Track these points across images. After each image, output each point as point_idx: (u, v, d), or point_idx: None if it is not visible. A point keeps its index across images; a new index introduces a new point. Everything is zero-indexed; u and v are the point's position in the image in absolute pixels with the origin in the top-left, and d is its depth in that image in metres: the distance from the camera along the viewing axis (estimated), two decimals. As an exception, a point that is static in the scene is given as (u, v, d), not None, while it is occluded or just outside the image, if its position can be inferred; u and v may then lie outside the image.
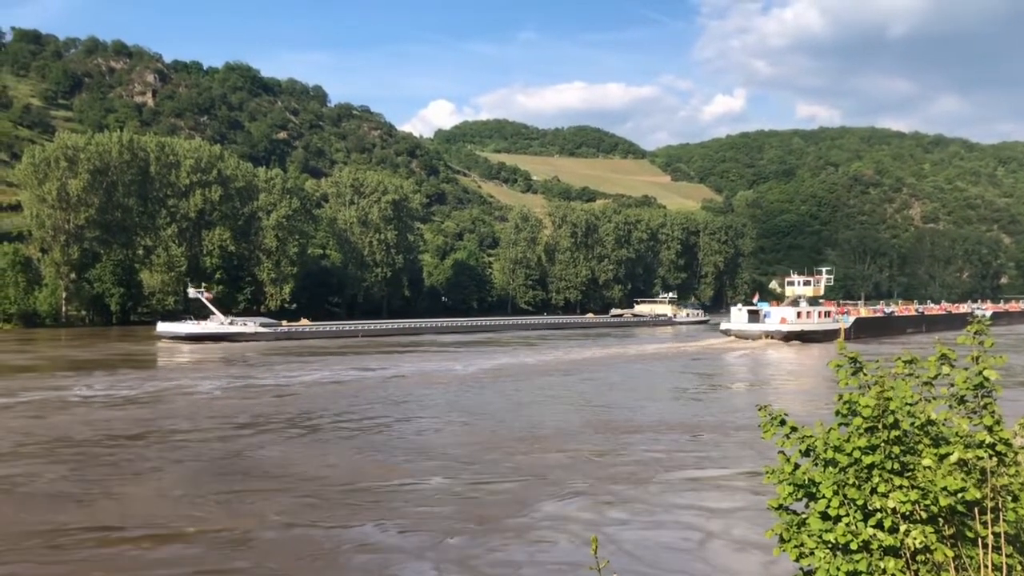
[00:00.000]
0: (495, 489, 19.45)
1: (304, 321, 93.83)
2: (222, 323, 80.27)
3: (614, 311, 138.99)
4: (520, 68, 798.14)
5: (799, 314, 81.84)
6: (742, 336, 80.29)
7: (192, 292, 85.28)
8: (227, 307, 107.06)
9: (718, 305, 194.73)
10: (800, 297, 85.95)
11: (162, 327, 79.32)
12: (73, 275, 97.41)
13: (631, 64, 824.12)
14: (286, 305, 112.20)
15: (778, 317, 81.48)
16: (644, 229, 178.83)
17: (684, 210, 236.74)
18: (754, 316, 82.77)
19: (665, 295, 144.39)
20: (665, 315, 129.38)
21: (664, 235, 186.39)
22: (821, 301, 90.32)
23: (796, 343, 76.74)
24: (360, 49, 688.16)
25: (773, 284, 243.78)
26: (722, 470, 21.70)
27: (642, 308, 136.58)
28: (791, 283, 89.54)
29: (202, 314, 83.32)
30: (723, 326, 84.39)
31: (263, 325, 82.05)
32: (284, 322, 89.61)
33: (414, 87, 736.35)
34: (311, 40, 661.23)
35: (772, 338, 78.23)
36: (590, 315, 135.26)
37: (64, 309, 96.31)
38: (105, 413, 31.00)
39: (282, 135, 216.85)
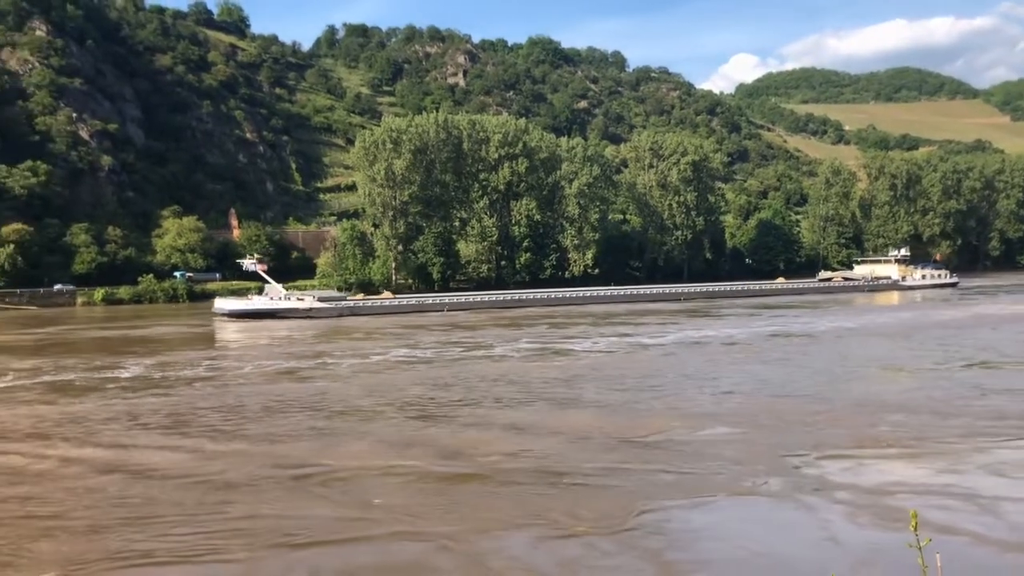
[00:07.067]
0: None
1: (386, 294, 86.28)
2: (271, 298, 72.18)
3: (822, 274, 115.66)
4: (831, 11, 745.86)
5: None
6: None
7: (247, 263, 79.47)
8: (534, 274, 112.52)
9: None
10: None
11: (219, 303, 72.88)
12: (400, 247, 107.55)
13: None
14: (588, 271, 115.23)
15: None
16: (977, 177, 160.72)
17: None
18: None
19: (894, 252, 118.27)
20: (888, 278, 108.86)
21: (1002, 183, 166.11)
22: None
23: None
24: (658, 10, 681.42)
25: None
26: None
27: (860, 270, 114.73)
28: None
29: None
30: None
31: (322, 300, 73.37)
32: (360, 295, 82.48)
33: (714, 43, 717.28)
34: (609, 6, 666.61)
35: None
36: (780, 280, 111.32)
37: (394, 278, 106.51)
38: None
39: (582, 104, 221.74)
